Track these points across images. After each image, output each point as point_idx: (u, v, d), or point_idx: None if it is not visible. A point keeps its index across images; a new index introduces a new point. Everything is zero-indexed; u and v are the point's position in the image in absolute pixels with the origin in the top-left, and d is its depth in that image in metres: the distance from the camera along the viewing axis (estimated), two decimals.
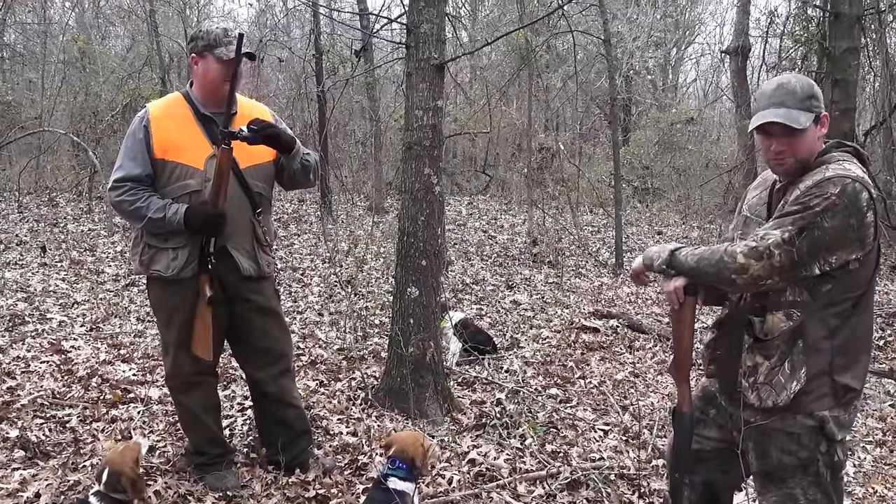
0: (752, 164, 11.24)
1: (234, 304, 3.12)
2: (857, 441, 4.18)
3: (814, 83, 2.20)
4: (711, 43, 22.86)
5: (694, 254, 2.19)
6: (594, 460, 3.69)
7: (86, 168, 11.24)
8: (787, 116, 2.11)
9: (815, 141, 2.18)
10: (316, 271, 7.64)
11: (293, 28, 15.18)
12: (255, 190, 3.08)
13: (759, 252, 2.05)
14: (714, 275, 2.13)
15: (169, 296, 3.02)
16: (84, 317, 5.50)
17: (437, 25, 3.92)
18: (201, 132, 2.98)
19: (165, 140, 2.92)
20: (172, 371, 3.13)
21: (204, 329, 2.98)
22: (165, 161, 2.93)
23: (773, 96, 2.16)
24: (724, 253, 2.10)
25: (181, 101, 3.02)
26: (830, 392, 2.15)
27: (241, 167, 3.02)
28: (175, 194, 2.93)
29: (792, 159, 2.17)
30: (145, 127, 2.92)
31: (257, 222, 3.10)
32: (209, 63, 2.92)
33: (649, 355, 5.61)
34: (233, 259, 3.03)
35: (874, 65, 9.97)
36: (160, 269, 2.96)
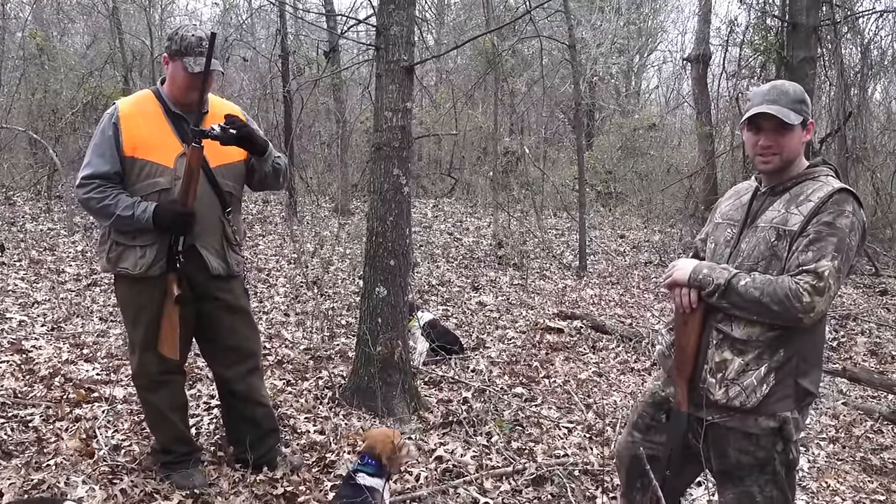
0: (713, 169, 11.49)
1: (203, 302, 3.11)
2: (811, 438, 4.32)
3: (804, 93, 2.28)
4: (673, 50, 23.28)
5: (754, 287, 2.15)
6: (559, 457, 3.76)
7: (45, 166, 11.02)
8: (779, 111, 2.20)
9: (800, 144, 2.26)
10: (282, 272, 7.61)
11: (258, 28, 15.08)
12: (224, 189, 3.07)
13: (822, 288, 2.08)
14: (778, 313, 2.12)
15: (136, 294, 3.00)
16: (45, 316, 5.41)
17: (406, 28, 3.95)
18: (171, 130, 2.96)
19: (135, 137, 2.90)
20: (139, 370, 3.11)
21: (171, 328, 2.97)
22: (135, 159, 2.90)
23: (768, 95, 2.26)
24: (787, 290, 2.09)
25: (151, 99, 3.00)
26: (793, 394, 2.21)
27: (212, 166, 3.01)
28: (144, 192, 2.91)
29: (777, 157, 2.25)
30: (115, 124, 2.89)
31: (227, 221, 3.10)
32: (178, 68, 2.90)
33: (612, 355, 5.71)
34: (202, 258, 3.02)
35: (830, 74, 10.25)
36: (128, 266, 2.94)
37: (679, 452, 2.41)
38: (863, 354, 6.14)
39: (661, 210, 12.98)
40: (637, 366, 5.48)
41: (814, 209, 2.16)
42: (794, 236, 2.17)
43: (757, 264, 2.23)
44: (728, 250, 2.35)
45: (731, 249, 2.34)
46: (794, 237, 2.17)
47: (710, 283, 2.22)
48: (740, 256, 2.29)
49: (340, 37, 8.29)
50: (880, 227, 11.25)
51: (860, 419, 4.65)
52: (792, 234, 2.18)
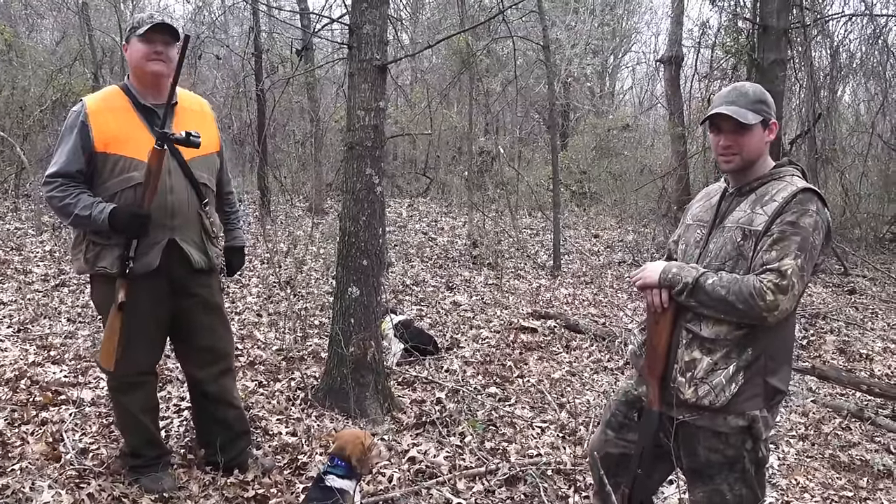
0: (685, 170, 11.59)
1: (181, 298, 3.08)
2: (781, 435, 4.37)
3: (766, 93, 2.32)
4: (647, 52, 23.49)
5: (721, 285, 2.18)
6: (532, 456, 3.76)
7: (12, 164, 10.82)
8: (735, 112, 2.24)
9: (762, 144, 2.29)
10: (254, 272, 7.54)
11: (231, 26, 14.94)
12: (200, 181, 3.05)
13: (785, 286, 2.10)
14: (743, 311, 2.14)
15: (115, 293, 2.93)
16: (11, 318, 5.31)
17: (379, 27, 3.94)
18: (142, 123, 2.92)
19: (105, 133, 2.86)
20: (117, 369, 3.03)
21: (110, 336, 2.90)
22: (108, 154, 2.86)
23: (727, 96, 2.31)
24: (751, 289, 2.11)
25: (119, 94, 2.97)
26: (762, 393, 2.23)
27: (186, 158, 2.98)
28: (119, 187, 2.88)
29: (738, 156, 2.28)
30: (83, 122, 2.85)
31: (204, 214, 3.09)
32: (133, 45, 2.89)
33: (585, 354, 5.74)
34: (183, 252, 3.00)
35: (800, 76, 10.40)
36: (106, 265, 2.90)
37: (650, 451, 2.42)
38: (832, 352, 6.23)
39: (634, 210, 13.07)
40: (610, 365, 5.50)
41: (778, 209, 2.19)
42: (759, 236, 2.20)
43: (724, 264, 2.26)
44: (697, 251, 2.38)
45: (700, 250, 2.37)
46: (758, 237, 2.20)
47: (679, 281, 2.25)
48: (708, 257, 2.32)
49: (313, 35, 8.23)
50: (849, 226, 11.45)
51: (829, 416, 4.72)
52: (757, 233, 2.21)
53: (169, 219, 2.95)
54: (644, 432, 2.43)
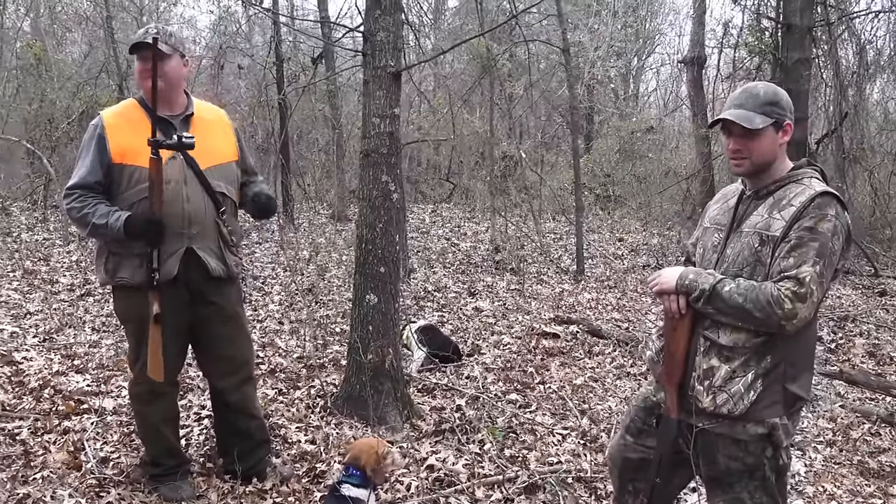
0: (709, 171, 11.46)
1: (200, 307, 3.10)
2: (808, 441, 4.28)
3: (781, 92, 2.25)
4: (671, 53, 23.27)
5: (738, 292, 2.13)
6: (552, 464, 3.72)
7: (41, 176, 11.01)
8: (740, 116, 2.19)
9: (774, 146, 2.23)
10: (277, 280, 7.59)
11: (255, 35, 15.10)
12: (217, 190, 3.07)
13: (803, 294, 2.05)
14: (761, 320, 2.10)
15: (136, 304, 2.97)
16: (37, 327, 5.39)
17: (393, 34, 3.94)
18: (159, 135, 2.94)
19: (122, 145, 2.91)
20: (139, 377, 3.08)
21: (154, 349, 2.93)
22: (124, 165, 2.91)
23: (737, 99, 2.26)
24: (769, 297, 2.07)
25: (135, 106, 3.02)
26: (782, 400, 2.19)
27: (202, 168, 3.01)
28: (135, 198, 2.92)
29: (748, 160, 2.23)
30: (100, 134, 2.91)
31: (222, 222, 3.10)
32: (136, 65, 2.96)
33: (608, 360, 5.68)
34: (200, 260, 3.02)
35: (826, 75, 10.24)
36: (126, 276, 2.94)
37: (668, 459, 2.39)
38: (861, 356, 6.10)
39: (659, 213, 12.95)
40: (633, 370, 5.44)
41: (795, 214, 2.14)
42: (777, 242, 2.15)
43: (742, 270, 2.21)
44: (715, 256, 2.33)
45: (718, 255, 2.32)
46: (776, 243, 2.15)
47: (695, 288, 2.21)
48: (726, 262, 2.27)
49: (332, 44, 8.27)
50: (879, 227, 11.21)
51: (857, 422, 4.62)
52: (774, 239, 2.16)
53: (186, 227, 2.98)
54: (662, 440, 2.40)
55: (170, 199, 2.91)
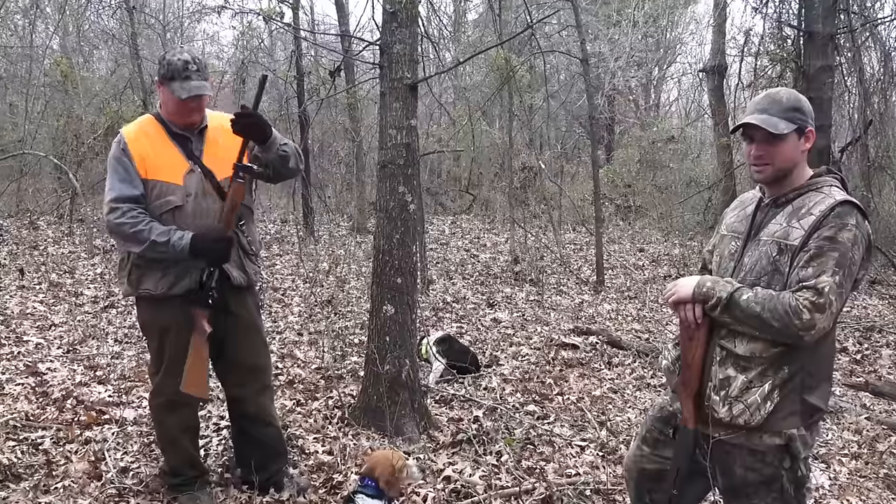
0: (731, 181, 11.36)
1: (221, 316, 3.12)
2: (832, 454, 4.21)
3: (803, 99, 2.23)
4: (692, 62, 23.14)
5: (756, 301, 2.10)
6: (570, 476, 3.69)
7: (67, 191, 11.20)
8: (765, 121, 2.17)
9: (797, 153, 2.21)
10: (297, 291, 7.63)
11: (276, 50, 15.28)
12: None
13: (822, 304, 2.02)
14: (779, 330, 2.07)
15: (159, 315, 3.01)
16: (61, 339, 5.47)
17: (409, 46, 3.96)
18: (176, 149, 3.01)
19: (144, 160, 2.95)
20: (158, 389, 3.12)
21: (200, 365, 2.99)
22: (146, 180, 2.95)
23: (759, 104, 2.23)
24: (787, 307, 2.04)
25: (153, 122, 3.06)
26: (799, 411, 2.16)
27: (220, 178, 3.04)
28: (159, 211, 2.95)
29: (770, 166, 2.21)
30: (124, 150, 2.94)
31: (241, 232, 3.14)
32: (167, 94, 2.95)
33: (628, 371, 5.63)
34: (223, 270, 3.06)
35: (849, 82, 10.12)
36: (149, 287, 2.97)
37: (685, 470, 2.36)
38: (888, 367, 5.99)
39: (680, 223, 12.85)
40: (653, 381, 5.39)
41: (815, 223, 2.11)
42: (796, 251, 2.12)
43: (759, 279, 2.19)
44: (732, 264, 2.31)
45: (735, 263, 2.30)
46: (795, 252, 2.12)
47: (712, 296, 2.18)
48: (743, 270, 2.25)
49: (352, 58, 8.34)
50: None
51: (884, 434, 4.53)
52: (793, 248, 2.13)
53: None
54: (679, 451, 2.37)
55: (191, 211, 2.96)
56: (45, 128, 12.59)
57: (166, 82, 2.92)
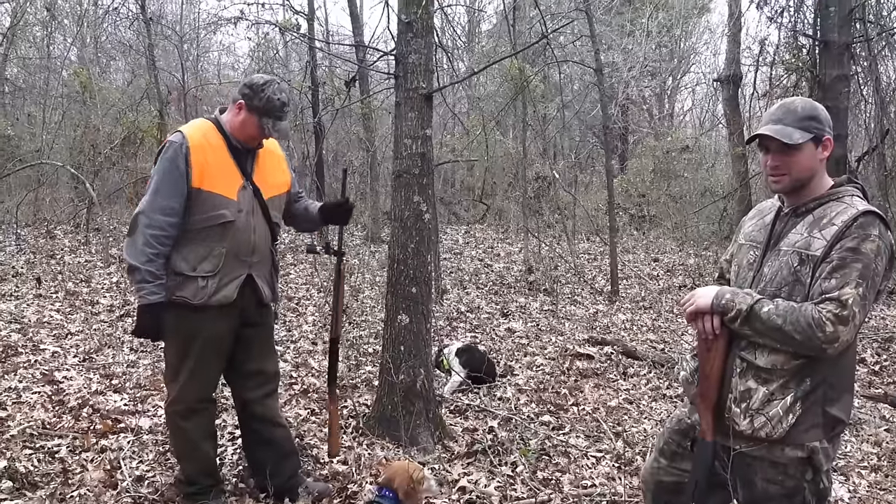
0: (747, 190, 11.30)
1: (245, 328, 3.17)
2: (851, 466, 4.16)
3: (819, 107, 2.20)
4: (706, 72, 23.08)
5: (777, 314, 2.07)
6: (586, 487, 3.67)
7: (84, 200, 11.29)
8: (779, 132, 2.15)
9: (814, 162, 2.18)
10: (311, 301, 7.64)
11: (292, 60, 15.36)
12: (274, 220, 3.17)
13: (846, 317, 2.00)
14: (801, 342, 2.04)
15: (190, 322, 2.99)
16: (77, 347, 5.50)
17: (424, 56, 3.97)
18: (233, 163, 3.02)
19: (203, 169, 2.93)
20: (179, 396, 3.10)
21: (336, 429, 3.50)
22: (201, 190, 2.93)
23: (774, 114, 2.21)
24: (810, 319, 2.01)
25: (215, 131, 3.03)
26: (822, 423, 2.13)
27: (265, 197, 3.10)
28: (210, 223, 2.95)
29: (787, 176, 2.19)
30: (185, 155, 2.90)
31: (274, 251, 3.22)
32: (252, 122, 2.98)
33: (643, 382, 5.59)
34: (256, 286, 3.12)
35: (866, 92, 10.05)
36: (187, 296, 2.96)
37: (704, 483, 2.32)
38: None
39: (695, 233, 12.79)
40: (669, 392, 5.35)
41: (837, 233, 2.08)
42: (818, 262, 2.09)
43: (780, 290, 2.16)
44: (751, 274, 2.28)
45: (754, 273, 2.27)
46: (817, 262, 2.09)
47: (732, 308, 2.15)
48: (763, 281, 2.22)
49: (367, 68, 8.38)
50: None
51: None
52: (815, 259, 2.10)
53: (250, 256, 3.07)
54: (698, 464, 2.33)
55: (241, 227, 3.00)
56: (63, 138, 12.73)
57: (257, 113, 2.95)
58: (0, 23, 13.32)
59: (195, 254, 2.96)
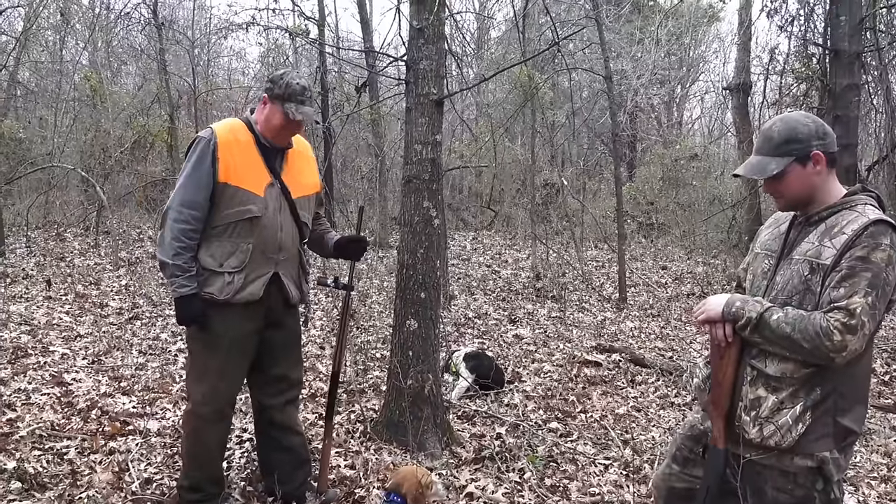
0: (756, 199, 11.27)
1: (270, 330, 3.16)
2: (861, 477, 4.13)
3: (801, 125, 2.18)
4: (716, 80, 23.05)
5: (786, 322, 2.08)
6: (594, 495, 3.66)
7: (94, 203, 11.35)
8: (752, 168, 2.21)
9: (807, 179, 2.18)
10: (319, 305, 7.66)
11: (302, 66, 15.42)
12: (302, 220, 3.17)
13: (854, 326, 1.99)
14: (809, 351, 2.04)
15: (216, 320, 2.98)
16: (86, 349, 5.52)
17: (435, 62, 3.99)
18: (261, 160, 3.04)
19: (230, 165, 2.95)
20: (207, 398, 3.05)
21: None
22: (228, 185, 2.94)
23: (757, 143, 2.26)
24: (818, 328, 2.02)
25: (244, 129, 3.05)
26: (832, 433, 2.12)
27: (294, 197, 3.10)
28: (235, 218, 2.96)
29: (782, 199, 2.24)
30: (213, 151, 2.93)
31: (302, 251, 3.22)
32: (276, 111, 2.99)
33: (651, 389, 5.57)
34: (283, 285, 3.11)
35: (876, 101, 10.03)
36: (213, 291, 2.95)
37: (715, 490, 2.32)
38: None
39: (703, 241, 12.76)
40: (678, 400, 5.33)
41: (847, 242, 2.07)
42: (828, 270, 2.08)
43: (791, 298, 2.15)
44: (764, 282, 2.28)
45: (768, 282, 2.27)
46: (827, 271, 2.08)
47: (742, 316, 2.16)
48: (775, 289, 2.22)
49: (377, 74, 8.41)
50: None
51: None
52: (825, 268, 2.09)
53: (276, 253, 3.06)
54: (709, 471, 2.33)
55: (268, 224, 3.00)
56: (74, 141, 12.81)
57: (279, 101, 2.97)
58: (13, 27, 13.42)
59: (222, 249, 2.97)
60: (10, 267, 8.21)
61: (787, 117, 2.25)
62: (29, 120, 13.81)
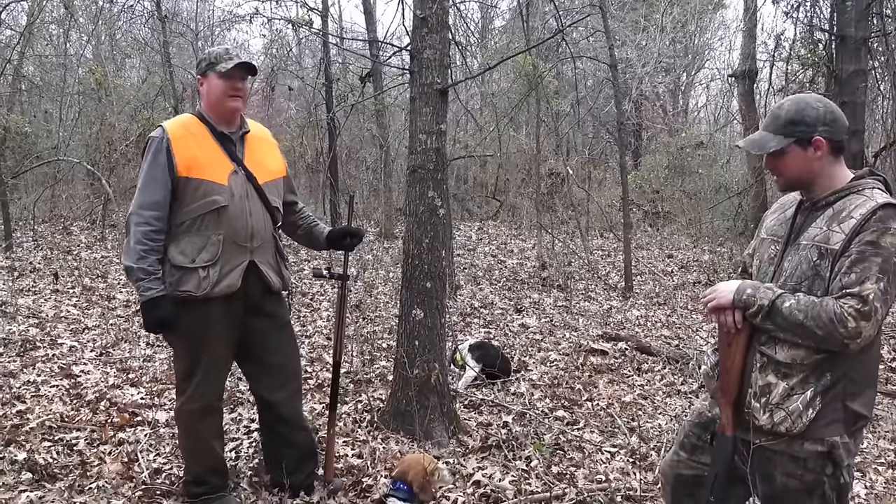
0: (762, 186, 11.23)
1: (254, 319, 3.13)
2: (868, 463, 4.13)
3: (810, 108, 2.16)
4: (721, 67, 22.93)
5: (798, 308, 2.06)
6: (600, 482, 3.66)
7: (100, 197, 11.39)
8: (753, 142, 2.23)
9: (808, 163, 2.16)
10: (325, 296, 7.67)
11: (305, 57, 15.42)
12: (273, 205, 3.14)
13: (867, 312, 1.98)
14: (822, 337, 2.03)
15: (199, 316, 2.97)
16: (94, 342, 5.55)
17: (439, 51, 3.97)
18: (220, 149, 3.02)
19: (188, 158, 2.92)
20: (195, 394, 3.05)
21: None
22: (190, 178, 2.92)
23: (766, 119, 2.26)
24: (832, 315, 2.00)
25: (195, 121, 3.05)
26: (842, 418, 2.12)
27: (260, 182, 3.07)
28: (202, 210, 2.93)
29: (781, 178, 2.23)
30: (167, 147, 2.91)
31: (277, 236, 3.19)
32: (212, 80, 2.99)
33: (658, 377, 5.58)
34: (261, 273, 3.08)
35: (883, 87, 9.97)
36: (190, 289, 2.92)
37: (723, 477, 2.32)
38: None
39: (709, 229, 12.73)
40: (684, 388, 5.33)
41: (856, 227, 2.06)
42: (837, 255, 2.07)
43: (800, 284, 2.14)
44: (771, 268, 2.27)
45: (775, 268, 2.25)
46: (836, 256, 2.07)
47: (753, 303, 2.14)
48: (783, 275, 2.20)
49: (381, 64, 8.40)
50: None
51: None
52: (834, 253, 2.07)
53: (249, 241, 3.03)
54: (717, 458, 2.33)
55: (235, 212, 2.97)
56: (79, 135, 12.83)
57: (209, 70, 2.98)
58: (17, 21, 13.44)
59: (192, 245, 2.93)
60: (17, 261, 8.26)
61: (799, 98, 2.23)
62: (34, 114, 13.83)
